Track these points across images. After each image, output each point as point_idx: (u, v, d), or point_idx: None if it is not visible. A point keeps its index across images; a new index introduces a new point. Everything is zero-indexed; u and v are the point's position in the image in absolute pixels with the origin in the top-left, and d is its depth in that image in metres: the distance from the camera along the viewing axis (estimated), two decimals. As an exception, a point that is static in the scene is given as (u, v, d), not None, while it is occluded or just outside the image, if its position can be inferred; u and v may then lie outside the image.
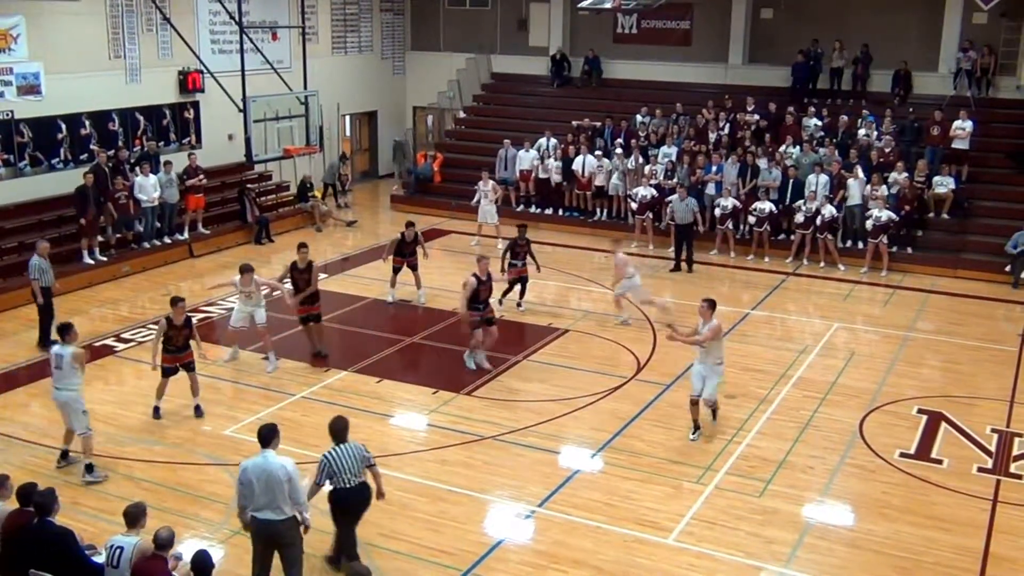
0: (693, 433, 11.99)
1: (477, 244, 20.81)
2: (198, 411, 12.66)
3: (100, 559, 7.68)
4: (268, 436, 8.35)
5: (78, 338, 11.29)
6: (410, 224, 17.37)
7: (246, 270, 14.15)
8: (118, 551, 7.43)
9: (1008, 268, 18.92)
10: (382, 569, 9.10)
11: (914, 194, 20.14)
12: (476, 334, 13.94)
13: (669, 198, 20.31)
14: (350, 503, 8.71)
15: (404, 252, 17.11)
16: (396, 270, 17.26)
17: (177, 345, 12.50)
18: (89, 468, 10.84)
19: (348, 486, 8.61)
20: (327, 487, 8.73)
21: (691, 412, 12.04)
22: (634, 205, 21.44)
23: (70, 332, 10.99)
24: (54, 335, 14.57)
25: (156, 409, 12.56)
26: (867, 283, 18.98)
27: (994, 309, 17.65)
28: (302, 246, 14.47)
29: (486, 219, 20.92)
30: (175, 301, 12.53)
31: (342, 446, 8.69)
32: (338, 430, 8.78)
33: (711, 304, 11.86)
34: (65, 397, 10.80)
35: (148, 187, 19.37)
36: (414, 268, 17.23)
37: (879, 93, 23.83)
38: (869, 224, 19.48)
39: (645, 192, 21.10)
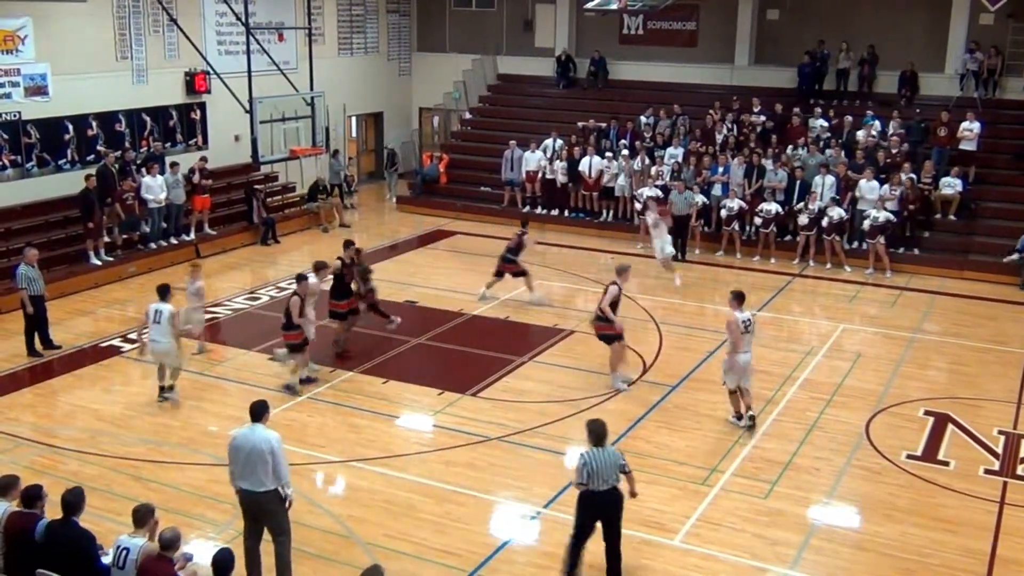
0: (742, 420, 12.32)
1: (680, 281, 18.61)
2: (308, 380, 13.41)
3: (107, 559, 7.69)
4: (259, 410, 8.59)
5: (174, 297, 12.93)
6: (525, 226, 16.43)
7: (321, 266, 13.88)
8: (124, 552, 7.43)
9: None
10: (388, 570, 9.04)
11: (916, 194, 20.11)
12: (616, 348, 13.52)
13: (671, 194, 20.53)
14: (600, 506, 8.68)
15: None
16: (501, 274, 16.93)
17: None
18: (170, 387, 12.82)
19: (600, 489, 8.57)
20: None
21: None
22: (639, 206, 21.45)
23: (170, 292, 12.75)
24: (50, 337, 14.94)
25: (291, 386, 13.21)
26: (873, 284, 18.95)
27: (1001, 311, 17.62)
28: (349, 243, 14.69)
29: (663, 249, 18.54)
30: (300, 278, 13.06)
31: (599, 449, 8.60)
32: (598, 434, 8.67)
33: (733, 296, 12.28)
34: (164, 348, 12.61)
35: (155, 188, 19.42)
36: (524, 273, 17.00)
37: (886, 94, 23.80)
38: (866, 224, 19.48)
39: (651, 193, 21.09)
